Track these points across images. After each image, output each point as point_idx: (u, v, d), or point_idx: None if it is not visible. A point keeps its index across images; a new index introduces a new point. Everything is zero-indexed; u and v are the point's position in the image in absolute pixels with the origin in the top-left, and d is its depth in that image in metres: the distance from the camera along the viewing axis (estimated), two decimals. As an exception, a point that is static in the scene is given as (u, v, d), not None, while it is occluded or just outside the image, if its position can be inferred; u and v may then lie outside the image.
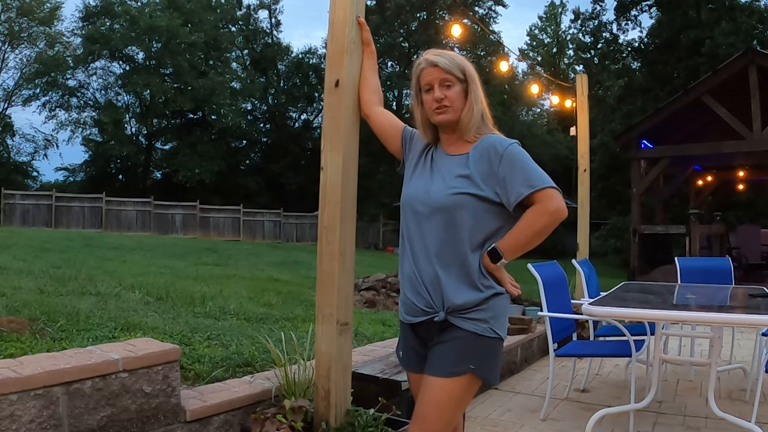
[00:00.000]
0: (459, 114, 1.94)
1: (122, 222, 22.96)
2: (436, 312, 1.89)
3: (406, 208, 1.99)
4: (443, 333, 1.89)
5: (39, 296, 4.51)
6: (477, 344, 1.86)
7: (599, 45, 29.38)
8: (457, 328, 1.86)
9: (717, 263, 5.21)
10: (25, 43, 28.91)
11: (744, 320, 2.92)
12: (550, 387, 3.80)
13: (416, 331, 2.00)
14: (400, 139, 2.17)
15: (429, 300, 1.90)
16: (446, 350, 1.87)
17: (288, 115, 35.28)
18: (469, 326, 1.86)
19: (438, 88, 1.93)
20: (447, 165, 1.96)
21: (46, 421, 2.01)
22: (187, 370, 3.00)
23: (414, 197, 1.97)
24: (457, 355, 1.85)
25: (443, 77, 1.92)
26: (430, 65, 1.94)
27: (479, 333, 1.85)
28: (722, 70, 11.77)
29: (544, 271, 3.98)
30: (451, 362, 1.85)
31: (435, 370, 1.87)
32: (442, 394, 1.84)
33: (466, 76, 1.94)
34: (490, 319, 1.87)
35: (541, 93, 23.58)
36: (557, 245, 15.69)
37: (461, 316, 1.86)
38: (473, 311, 1.86)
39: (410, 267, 1.96)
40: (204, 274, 8.16)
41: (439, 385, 1.85)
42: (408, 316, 2.00)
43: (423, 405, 1.88)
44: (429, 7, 29.48)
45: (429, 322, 1.92)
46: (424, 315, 1.92)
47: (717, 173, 15.92)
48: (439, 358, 1.88)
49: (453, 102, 1.93)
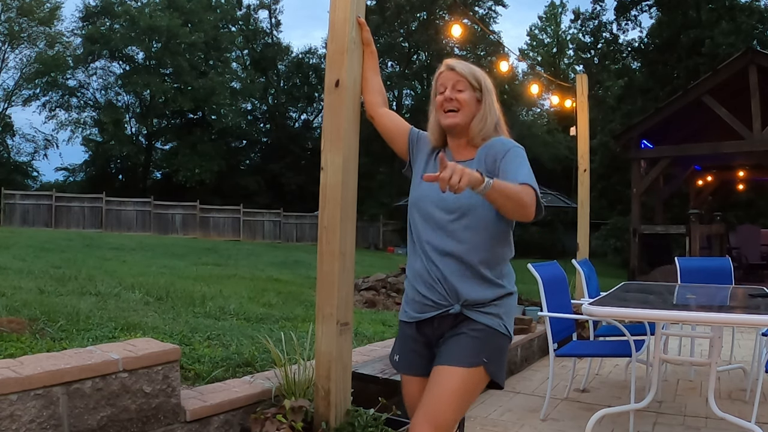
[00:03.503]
0: (468, 120, 1.99)
1: (122, 222, 22.96)
2: (452, 305, 1.91)
3: (417, 208, 2.01)
4: (458, 326, 1.92)
5: (39, 296, 4.51)
6: (491, 338, 1.90)
7: (599, 45, 29.38)
8: (472, 320, 1.90)
9: (717, 263, 5.21)
10: (25, 43, 28.94)
11: (744, 320, 2.92)
12: (550, 387, 3.80)
13: (422, 331, 2.00)
14: (406, 141, 2.19)
15: (444, 294, 1.92)
16: (463, 341, 1.89)
17: (288, 115, 35.29)
18: (485, 320, 1.90)
19: (450, 90, 1.99)
20: None
21: (46, 421, 2.01)
22: (187, 370, 3.00)
23: (426, 198, 1.98)
24: (473, 346, 1.88)
25: (457, 80, 1.99)
26: (447, 69, 2.02)
27: (494, 327, 1.90)
28: (722, 70, 11.77)
29: (544, 271, 3.98)
30: (469, 353, 1.87)
31: (452, 359, 1.87)
32: (458, 383, 1.85)
33: (481, 86, 2.01)
34: (503, 315, 1.93)
35: (541, 93, 23.57)
36: (557, 245, 15.70)
37: (477, 309, 1.90)
38: (488, 306, 1.91)
39: (422, 264, 1.97)
40: (204, 274, 8.16)
41: (455, 374, 1.85)
42: (416, 314, 2.00)
43: (435, 396, 1.85)
44: (429, 7, 29.47)
45: (442, 316, 1.93)
46: (438, 309, 1.93)
47: (717, 173, 15.92)
48: (455, 348, 1.89)
49: (463, 105, 1.98)
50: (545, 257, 5.33)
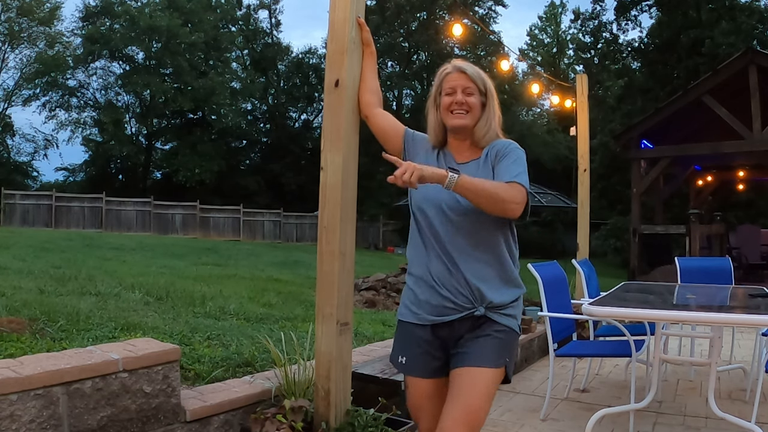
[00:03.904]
0: (474, 122, 2.03)
1: (122, 222, 22.95)
2: (476, 307, 1.93)
3: (428, 207, 2.00)
4: (480, 327, 1.94)
5: (39, 296, 4.51)
6: (511, 339, 1.96)
7: (599, 45, 29.39)
8: (495, 322, 1.94)
9: (717, 263, 5.21)
10: (25, 43, 28.93)
11: (744, 320, 2.92)
12: (550, 387, 3.80)
13: (437, 333, 1.99)
14: (401, 141, 2.19)
15: (468, 296, 1.93)
16: (489, 342, 1.92)
17: (288, 115, 35.27)
18: (507, 321, 1.95)
19: (460, 94, 2.01)
20: (464, 171, 1.97)
21: (46, 421, 2.01)
22: (187, 370, 3.00)
23: (439, 198, 1.97)
24: (500, 346, 1.92)
25: (467, 85, 2.02)
26: (457, 71, 2.04)
27: (513, 328, 1.97)
28: (722, 70, 11.77)
29: (544, 271, 3.98)
30: (497, 354, 1.91)
31: (482, 361, 1.89)
32: (490, 383, 1.89)
33: (487, 91, 2.05)
34: (517, 315, 2.00)
35: (541, 93, 23.59)
36: (557, 245, 15.70)
37: (498, 311, 1.94)
38: (508, 307, 1.96)
39: (441, 266, 1.96)
40: (204, 274, 8.16)
41: (487, 375, 1.88)
42: (433, 317, 1.98)
43: (471, 396, 1.85)
44: (429, 7, 29.45)
45: (464, 318, 1.94)
46: (460, 311, 1.94)
47: (717, 173, 15.91)
48: (482, 349, 1.91)
49: (471, 108, 2.02)
50: (545, 257, 5.33)
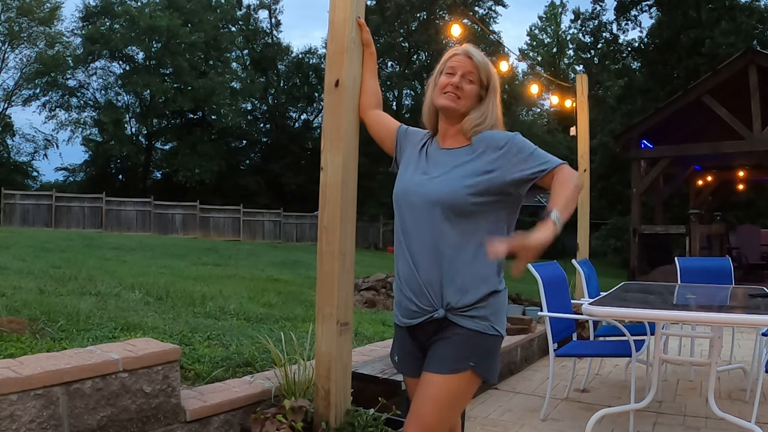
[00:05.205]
0: (464, 109, 1.94)
1: (122, 222, 22.95)
2: (435, 310, 1.86)
3: (401, 202, 1.95)
4: (442, 330, 1.86)
5: (39, 296, 4.51)
6: (477, 342, 1.84)
7: (599, 45, 29.43)
8: (457, 325, 1.84)
9: (717, 263, 5.21)
10: (25, 43, 28.95)
11: (744, 320, 2.92)
12: (550, 387, 3.80)
13: (413, 334, 1.97)
14: (394, 139, 2.17)
15: (429, 298, 1.86)
16: (446, 347, 1.84)
17: (288, 115, 35.30)
18: (470, 324, 1.83)
19: (459, 77, 1.93)
20: (444, 159, 1.94)
21: (46, 421, 2.01)
22: (187, 370, 2.99)
23: (408, 190, 1.93)
24: (458, 351, 1.82)
25: (469, 70, 1.94)
26: (464, 54, 1.96)
27: (480, 330, 1.83)
28: (722, 70, 11.77)
29: (544, 271, 3.98)
30: (452, 359, 1.82)
31: (434, 366, 1.84)
32: (441, 391, 1.81)
33: (489, 85, 1.96)
34: (490, 316, 1.85)
35: (541, 93, 23.54)
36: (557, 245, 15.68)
37: (461, 314, 1.84)
38: (473, 309, 1.84)
39: (407, 265, 1.91)
40: (204, 274, 8.16)
41: (438, 382, 1.81)
42: (405, 319, 1.95)
43: (421, 403, 1.84)
44: (429, 7, 29.47)
45: (427, 321, 1.88)
46: (423, 314, 1.88)
47: (717, 173, 15.92)
48: (438, 354, 1.85)
49: (465, 95, 1.94)
50: (545, 257, 5.31)
